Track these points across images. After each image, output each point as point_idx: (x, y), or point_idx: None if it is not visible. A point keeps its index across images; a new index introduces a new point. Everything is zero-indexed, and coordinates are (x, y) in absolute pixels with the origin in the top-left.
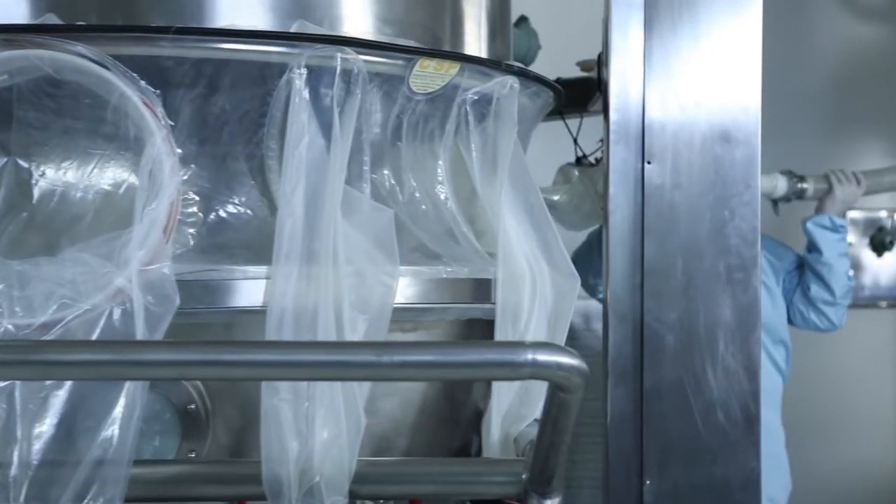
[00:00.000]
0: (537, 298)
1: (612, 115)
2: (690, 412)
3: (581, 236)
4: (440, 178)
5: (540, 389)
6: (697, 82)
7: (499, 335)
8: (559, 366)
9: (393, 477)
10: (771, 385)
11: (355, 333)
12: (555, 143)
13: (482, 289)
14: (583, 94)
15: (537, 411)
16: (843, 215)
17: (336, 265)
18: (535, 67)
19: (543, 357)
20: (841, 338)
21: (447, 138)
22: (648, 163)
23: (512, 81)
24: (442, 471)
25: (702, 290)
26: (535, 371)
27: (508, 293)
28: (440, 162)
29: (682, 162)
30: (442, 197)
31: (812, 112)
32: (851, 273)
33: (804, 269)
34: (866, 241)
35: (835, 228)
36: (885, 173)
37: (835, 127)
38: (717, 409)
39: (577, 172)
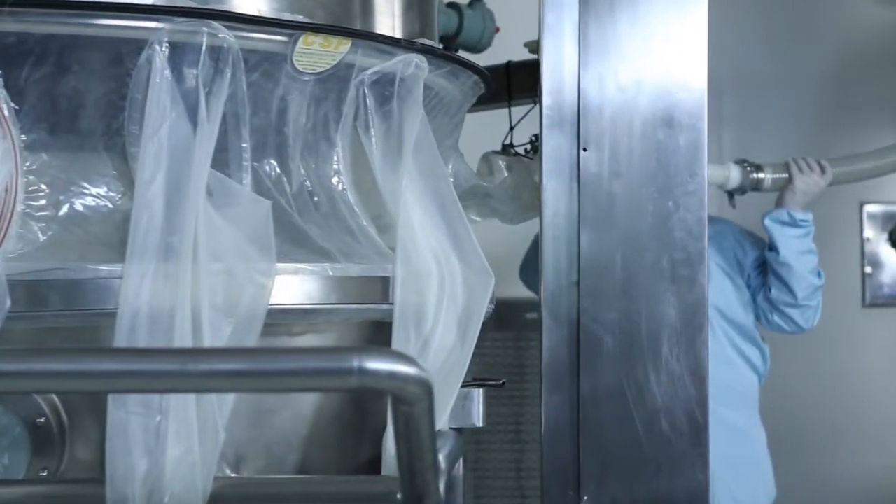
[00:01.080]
0: (446, 298)
1: (545, 99)
2: (631, 421)
3: (521, 230)
4: (336, 168)
5: (448, 395)
6: (638, 61)
7: (397, 339)
8: (392, 375)
9: (254, 497)
10: (745, 386)
11: (218, 338)
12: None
13: (379, 288)
14: (534, 78)
15: (442, 421)
16: (807, 208)
17: (197, 262)
18: (502, 52)
19: (373, 365)
20: (859, 337)
21: (345, 123)
22: (584, 149)
23: (417, 60)
24: (309, 490)
25: (643, 288)
26: (364, 381)
27: (410, 293)
28: (337, 149)
29: (622, 148)
30: (340, 188)
31: (813, 97)
32: (819, 271)
33: (767, 269)
34: (885, 236)
35: (794, 223)
36: (854, 161)
37: (837, 114)
38: (661, 417)
39: (501, 161)
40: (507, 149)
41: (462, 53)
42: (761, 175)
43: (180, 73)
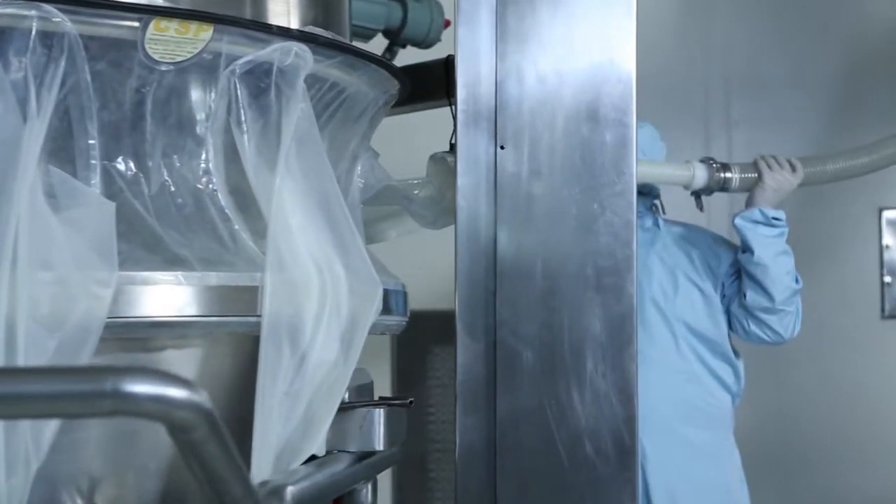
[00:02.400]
0: (328, 309)
1: (460, 92)
2: (553, 444)
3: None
4: (206, 167)
5: (325, 415)
6: (559, 50)
7: (267, 355)
8: (157, 399)
9: None
10: (715, 405)
11: (37, 355)
12: None
13: (246, 299)
14: None
15: (317, 444)
16: (778, 207)
17: (16, 270)
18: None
19: (132, 388)
20: (878, 349)
21: (216, 118)
22: (502, 147)
23: (297, 48)
24: None
25: (566, 298)
26: (120, 405)
27: (284, 303)
28: (207, 147)
29: (542, 146)
30: (209, 189)
31: (825, 98)
32: (796, 275)
33: (741, 274)
34: None
35: (768, 222)
36: (827, 160)
37: (850, 114)
38: (585, 439)
39: (451, 161)
40: (455, 148)
41: (411, 50)
42: (729, 174)
43: (6, 61)
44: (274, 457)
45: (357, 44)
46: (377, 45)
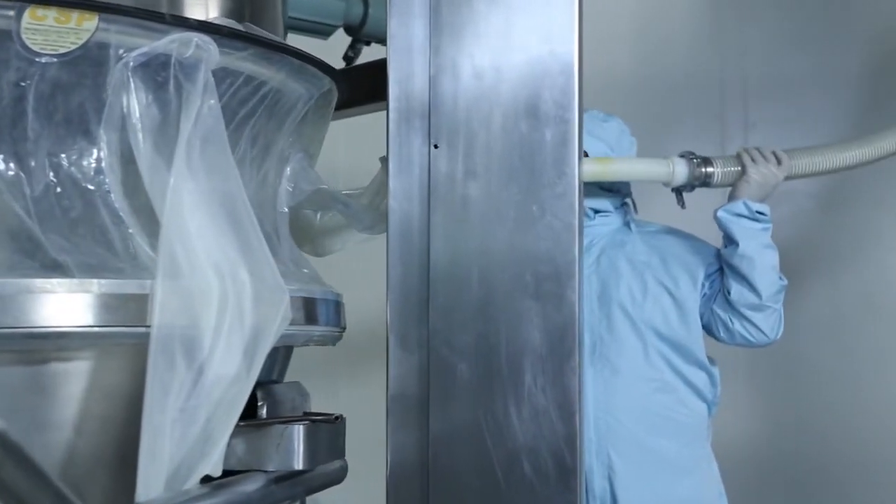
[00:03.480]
0: (229, 319)
1: (392, 89)
2: (489, 462)
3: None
4: (98, 166)
5: (222, 432)
6: (497, 43)
7: (156, 370)
8: None
9: None
10: (689, 416)
11: None
12: None
13: (134, 308)
14: None
15: (212, 463)
16: (763, 201)
17: None
18: None
19: None
20: None
21: (110, 114)
22: (435, 146)
23: (198, 39)
24: None
25: (504, 307)
26: None
27: (177, 313)
28: (101, 145)
29: (478, 144)
30: (102, 190)
31: (847, 99)
32: (780, 273)
33: (724, 270)
34: None
35: (752, 216)
36: (816, 152)
37: (874, 115)
38: (523, 458)
39: None
40: None
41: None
42: (710, 168)
43: None
44: (166, 476)
45: (316, 41)
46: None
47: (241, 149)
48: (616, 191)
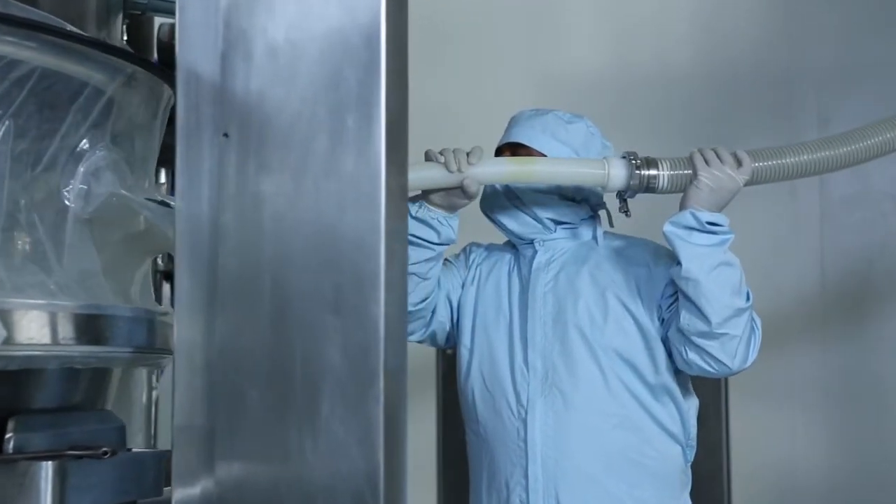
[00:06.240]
0: None
1: (180, 72)
2: None
3: None
4: None
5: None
6: (293, 12)
7: None
8: None
9: None
10: (659, 459)
11: None
12: None
13: None
14: None
15: None
16: (720, 209)
17: None
18: None
19: None
20: None
21: None
22: (225, 135)
23: None
24: None
25: (299, 323)
26: None
27: None
28: None
29: (272, 135)
30: None
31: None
32: (746, 290)
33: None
34: None
35: (703, 228)
36: (786, 152)
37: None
38: (318, 499)
39: None
40: None
41: None
42: (654, 171)
43: None
44: None
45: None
46: None
47: None
48: (582, 200)
